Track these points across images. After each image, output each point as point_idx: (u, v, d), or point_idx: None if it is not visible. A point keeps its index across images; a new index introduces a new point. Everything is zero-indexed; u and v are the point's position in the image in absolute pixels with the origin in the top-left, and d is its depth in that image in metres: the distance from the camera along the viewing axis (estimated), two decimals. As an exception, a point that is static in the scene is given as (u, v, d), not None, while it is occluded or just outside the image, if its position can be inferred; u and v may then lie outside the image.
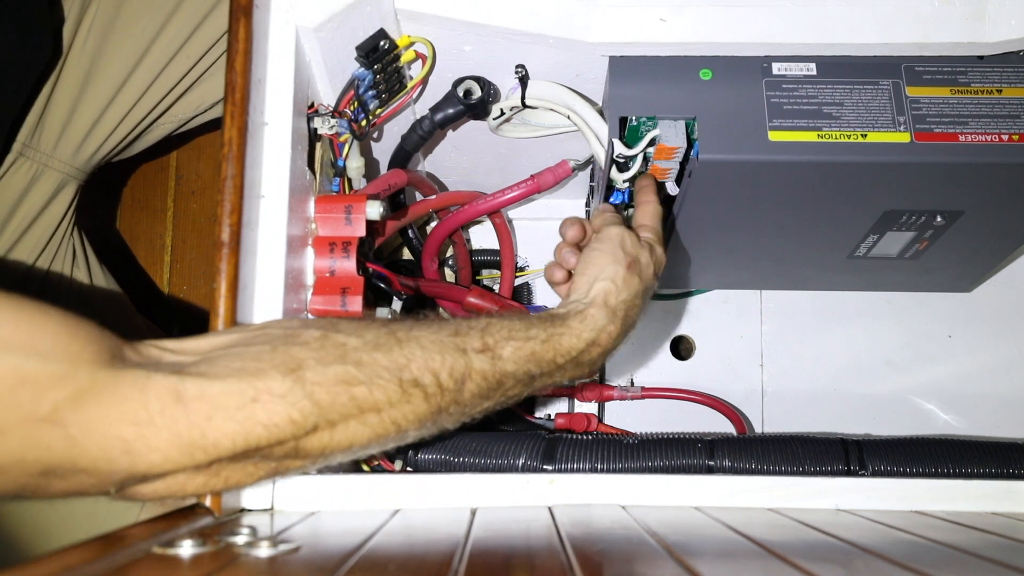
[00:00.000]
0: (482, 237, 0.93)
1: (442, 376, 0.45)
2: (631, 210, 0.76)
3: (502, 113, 0.70)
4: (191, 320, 1.13)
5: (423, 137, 0.70)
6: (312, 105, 0.61)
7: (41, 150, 0.79)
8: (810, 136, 0.60)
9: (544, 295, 0.91)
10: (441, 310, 0.85)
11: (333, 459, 0.44)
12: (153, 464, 0.38)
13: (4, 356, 0.34)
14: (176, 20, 0.80)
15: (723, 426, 0.84)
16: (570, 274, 0.60)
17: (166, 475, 0.39)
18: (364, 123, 0.65)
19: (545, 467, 0.57)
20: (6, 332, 0.35)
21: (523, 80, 0.67)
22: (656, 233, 0.61)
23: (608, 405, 0.87)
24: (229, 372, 0.40)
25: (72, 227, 0.84)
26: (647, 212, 0.62)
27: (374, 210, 0.60)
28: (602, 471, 0.57)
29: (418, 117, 0.71)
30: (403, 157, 0.73)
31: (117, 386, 0.37)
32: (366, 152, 0.75)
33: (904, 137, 0.60)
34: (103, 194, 1.15)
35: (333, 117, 0.61)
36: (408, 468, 0.59)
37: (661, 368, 0.89)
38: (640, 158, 0.64)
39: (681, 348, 0.90)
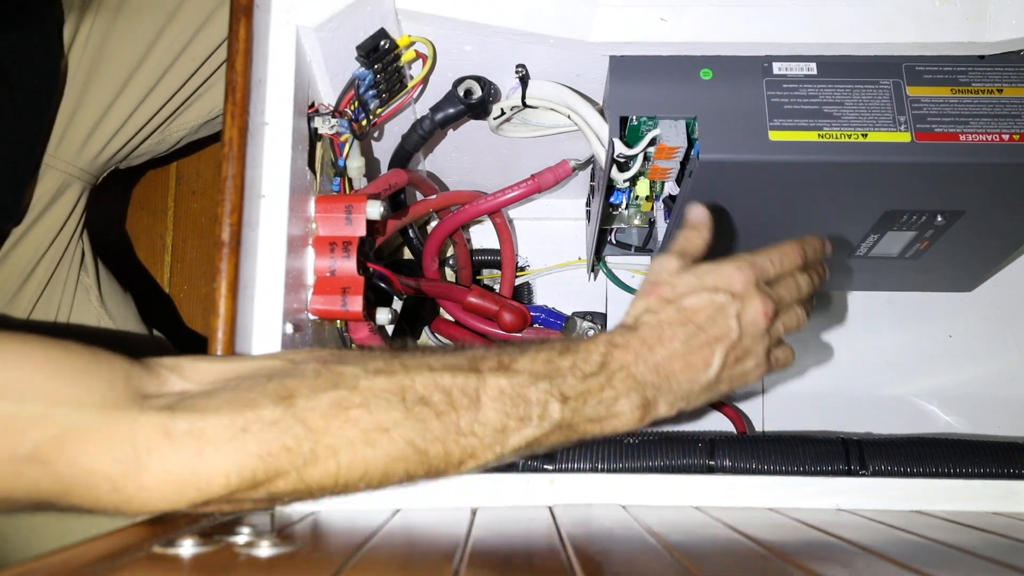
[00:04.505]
0: (482, 237, 0.93)
1: (454, 393, 0.43)
2: (630, 209, 0.76)
3: (502, 113, 0.70)
4: (193, 329, 1.13)
5: (424, 137, 0.70)
6: (312, 105, 0.61)
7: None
8: (811, 136, 0.60)
9: (544, 295, 0.90)
10: (442, 311, 0.85)
11: (355, 490, 0.42)
12: (146, 502, 0.38)
13: None
14: (177, 22, 0.80)
15: (723, 426, 0.84)
16: None
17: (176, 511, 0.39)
18: (364, 123, 0.65)
19: (545, 467, 0.57)
20: None
21: (524, 80, 0.67)
22: (677, 252, 0.54)
23: (608, 405, 0.86)
24: (220, 404, 0.40)
25: (80, 230, 0.84)
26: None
27: (374, 210, 0.60)
28: (602, 471, 0.56)
29: (418, 117, 0.71)
30: (403, 157, 0.73)
31: (104, 426, 0.37)
32: (366, 152, 0.75)
33: (905, 137, 0.60)
34: (111, 196, 1.15)
35: (334, 117, 0.61)
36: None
37: (661, 368, 0.88)
38: (641, 158, 0.64)
39: (681, 348, 0.90)
